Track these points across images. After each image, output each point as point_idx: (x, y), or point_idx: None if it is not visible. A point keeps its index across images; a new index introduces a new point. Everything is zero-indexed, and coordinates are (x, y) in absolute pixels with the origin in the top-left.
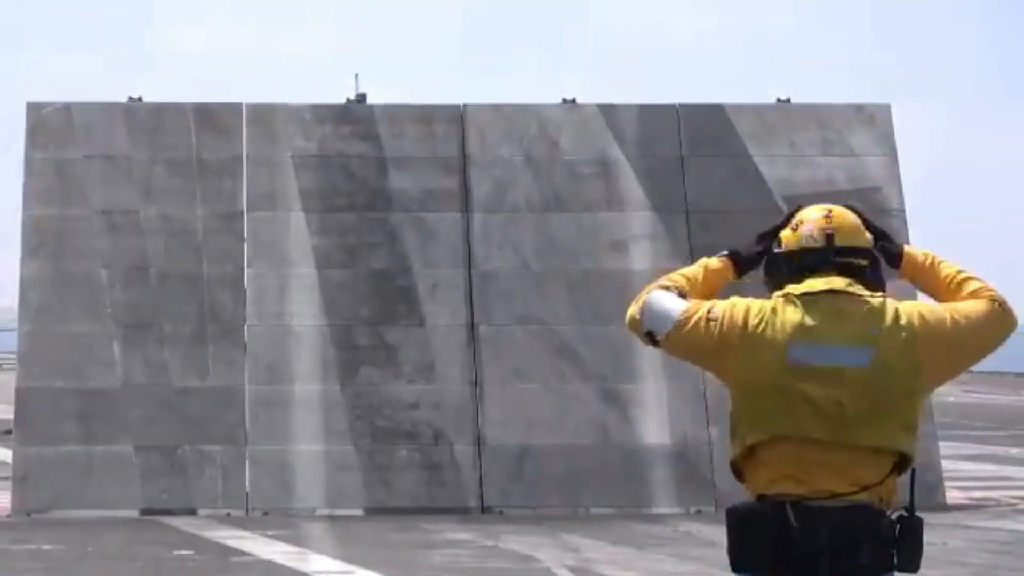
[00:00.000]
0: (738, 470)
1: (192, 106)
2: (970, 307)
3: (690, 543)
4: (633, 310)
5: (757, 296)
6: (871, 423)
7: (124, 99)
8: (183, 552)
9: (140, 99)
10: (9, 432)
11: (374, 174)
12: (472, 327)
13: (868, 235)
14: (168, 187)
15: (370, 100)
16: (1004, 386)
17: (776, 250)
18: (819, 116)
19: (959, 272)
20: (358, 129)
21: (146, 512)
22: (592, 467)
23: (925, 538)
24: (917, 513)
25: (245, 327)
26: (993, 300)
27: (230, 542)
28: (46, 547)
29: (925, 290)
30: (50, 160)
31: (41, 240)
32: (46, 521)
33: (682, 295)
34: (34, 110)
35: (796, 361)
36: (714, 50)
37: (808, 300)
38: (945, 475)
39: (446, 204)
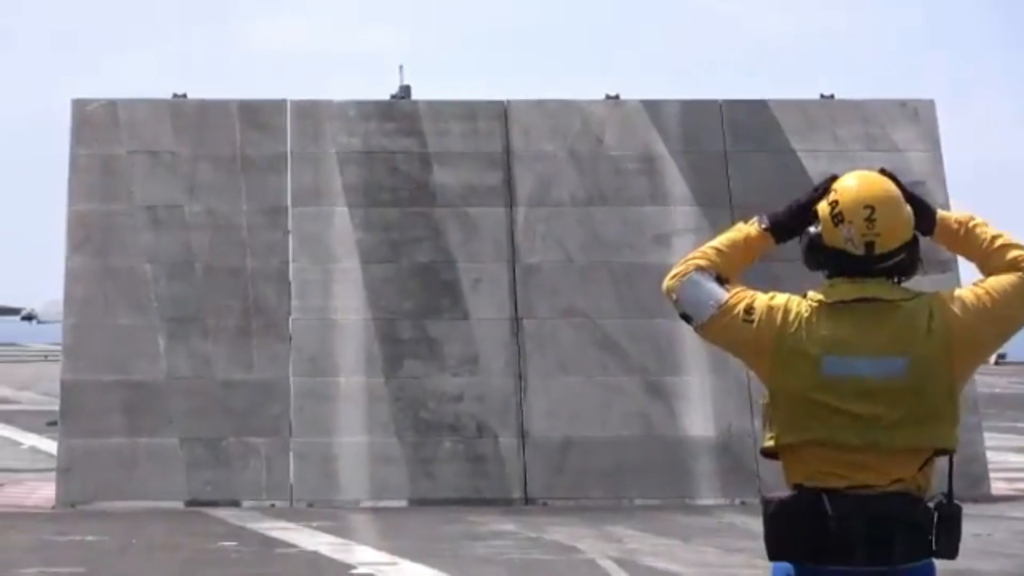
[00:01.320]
0: (771, 455)
1: (237, 103)
2: (1001, 284)
3: (734, 534)
4: (671, 284)
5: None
6: (908, 428)
7: (169, 95)
8: (227, 543)
9: (185, 96)
10: (54, 423)
11: (418, 169)
12: (516, 320)
13: (908, 212)
14: (213, 183)
15: (414, 94)
16: None
17: (813, 230)
18: (862, 112)
19: (995, 238)
20: (402, 125)
21: (190, 504)
22: (636, 459)
23: (970, 529)
24: (956, 501)
25: (289, 320)
26: None
27: (274, 533)
28: (90, 538)
29: (962, 255)
30: (95, 156)
31: (86, 235)
32: (90, 512)
33: (719, 279)
34: (79, 107)
35: (830, 375)
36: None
37: (841, 308)
38: (991, 466)
39: (489, 199)
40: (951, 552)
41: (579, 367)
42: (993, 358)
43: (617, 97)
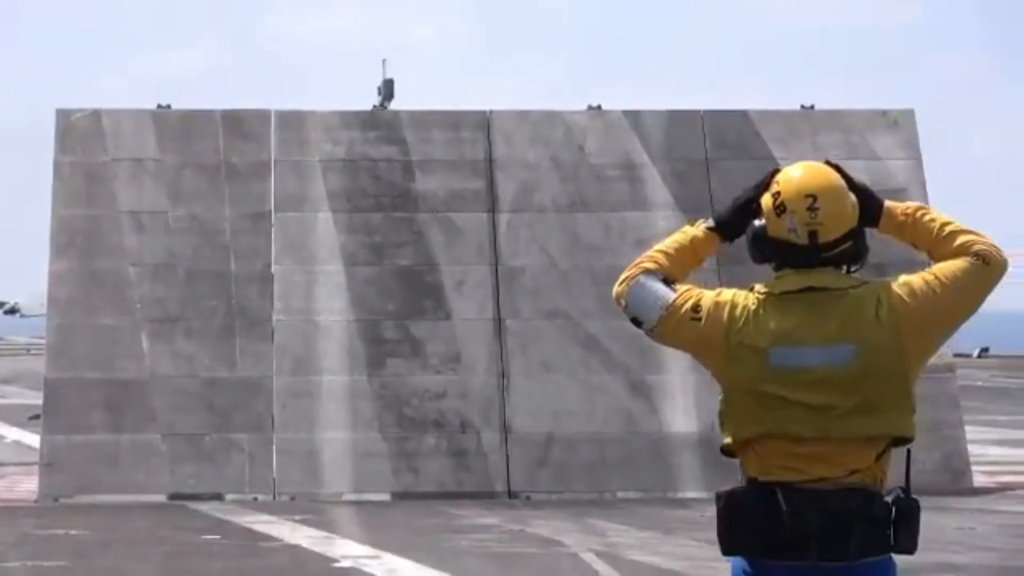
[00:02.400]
0: (730, 453)
1: (221, 113)
2: (951, 269)
3: (715, 528)
4: (619, 290)
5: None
6: (861, 416)
7: (154, 106)
8: (210, 537)
9: (169, 107)
10: (37, 417)
11: (400, 176)
12: (498, 321)
13: (852, 200)
14: (196, 189)
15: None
16: None
17: (758, 223)
18: (843, 121)
19: (944, 225)
20: (385, 134)
21: (173, 497)
22: (618, 454)
23: (952, 523)
24: (936, 495)
25: (272, 321)
26: (977, 255)
27: (257, 527)
28: (73, 532)
29: (912, 245)
30: (78, 164)
31: (69, 239)
32: (73, 506)
33: (667, 280)
34: (63, 116)
35: (779, 366)
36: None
37: (788, 300)
38: (972, 460)
39: (472, 204)
40: (910, 547)
41: (561, 366)
42: (976, 352)
43: (599, 108)
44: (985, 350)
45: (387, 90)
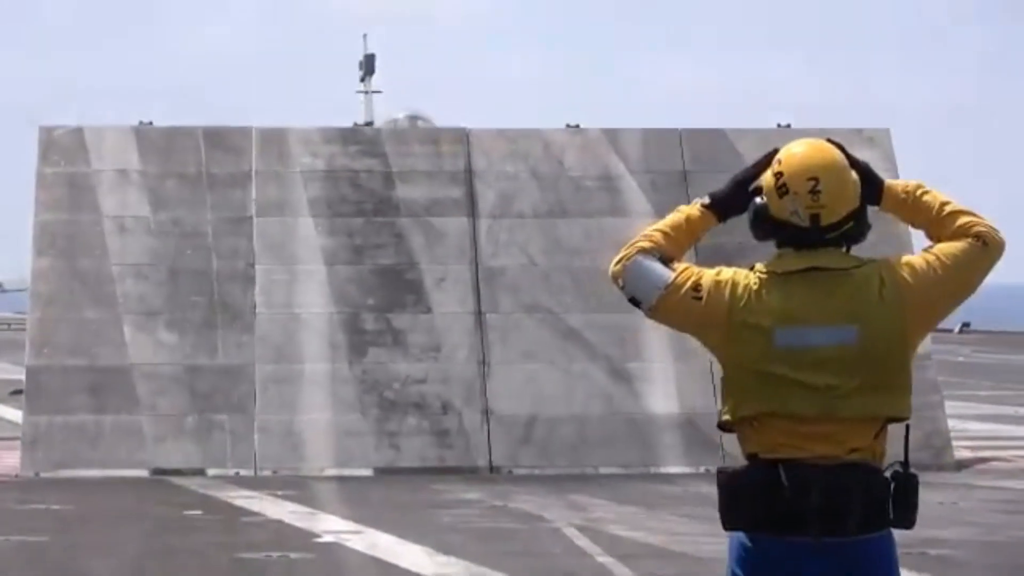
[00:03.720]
0: (728, 429)
1: (202, 129)
2: (951, 250)
3: (699, 502)
4: (616, 269)
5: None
6: (863, 396)
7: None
8: (192, 512)
9: (151, 123)
10: (19, 392)
11: (381, 185)
12: (479, 314)
13: (854, 179)
14: (178, 196)
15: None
16: (1010, 345)
17: (759, 200)
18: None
19: (944, 204)
20: (365, 148)
21: (155, 472)
22: (599, 433)
23: (935, 498)
24: (915, 470)
25: (254, 314)
26: (977, 237)
27: (239, 502)
28: (54, 507)
29: (911, 224)
30: (61, 174)
31: (51, 241)
32: (54, 481)
33: (664, 259)
34: (46, 132)
35: (781, 346)
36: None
37: (791, 279)
38: (954, 435)
39: (452, 210)
40: (908, 522)
41: (542, 355)
42: (957, 327)
43: (578, 126)
44: (966, 325)
45: (368, 65)
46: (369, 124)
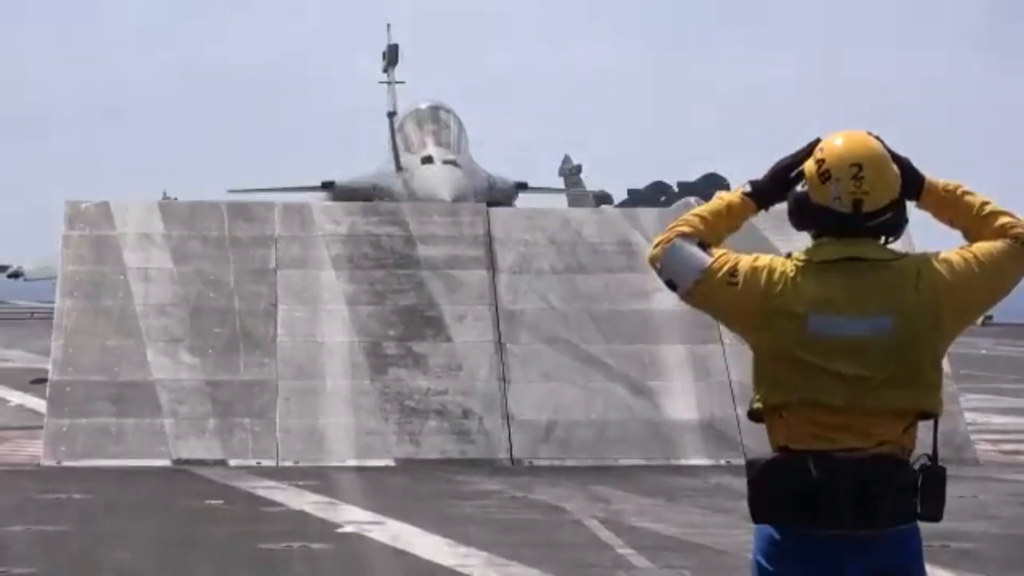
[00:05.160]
0: (758, 418)
1: (226, 203)
2: (989, 249)
3: (720, 495)
4: (655, 253)
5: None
6: (893, 389)
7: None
8: (214, 502)
9: (176, 199)
10: (40, 381)
11: (401, 245)
12: (499, 343)
13: (895, 171)
14: (202, 253)
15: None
16: None
17: (800, 188)
18: None
19: (984, 204)
20: (387, 218)
21: (177, 462)
22: (619, 433)
23: (955, 491)
24: (940, 463)
25: (276, 342)
26: (1016, 238)
27: (261, 492)
28: (76, 496)
29: (949, 223)
30: (87, 236)
31: (76, 285)
32: (76, 470)
33: (702, 243)
34: (72, 206)
35: (815, 334)
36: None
37: (827, 268)
38: (975, 429)
39: (472, 265)
40: (935, 514)
41: (562, 376)
42: (980, 319)
43: (590, 195)
44: (989, 318)
45: (392, 55)
46: (392, 114)
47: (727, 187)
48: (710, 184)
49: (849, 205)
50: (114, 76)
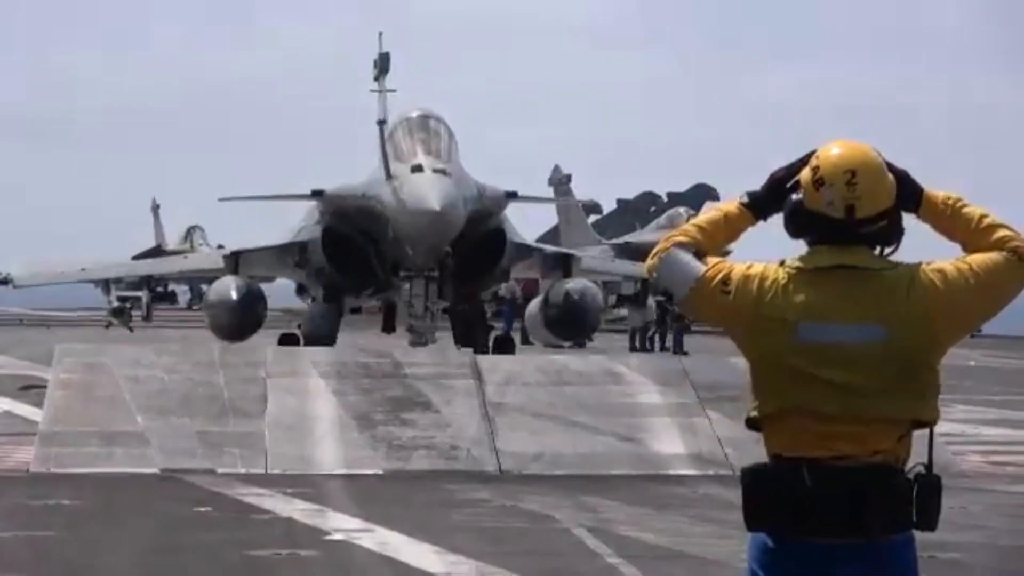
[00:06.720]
0: (755, 427)
1: (218, 346)
2: (985, 261)
3: (708, 504)
4: (651, 263)
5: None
6: (885, 397)
7: None
8: (202, 509)
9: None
10: (29, 388)
11: (390, 368)
12: (484, 407)
13: (890, 180)
14: (192, 368)
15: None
16: (1021, 350)
17: (795, 196)
18: None
19: (983, 217)
20: (375, 359)
21: (166, 470)
22: (606, 461)
23: (945, 502)
24: (934, 472)
25: (265, 415)
26: (1014, 251)
27: (249, 499)
28: (65, 502)
29: (947, 236)
30: (76, 365)
31: (68, 380)
32: (65, 477)
33: (699, 253)
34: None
35: (806, 341)
36: None
37: (820, 275)
38: (965, 440)
39: (459, 376)
40: (931, 524)
41: (549, 421)
42: None
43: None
44: (978, 331)
45: (383, 63)
46: (383, 122)
47: (717, 198)
48: (700, 194)
49: (842, 210)
50: (110, 82)
